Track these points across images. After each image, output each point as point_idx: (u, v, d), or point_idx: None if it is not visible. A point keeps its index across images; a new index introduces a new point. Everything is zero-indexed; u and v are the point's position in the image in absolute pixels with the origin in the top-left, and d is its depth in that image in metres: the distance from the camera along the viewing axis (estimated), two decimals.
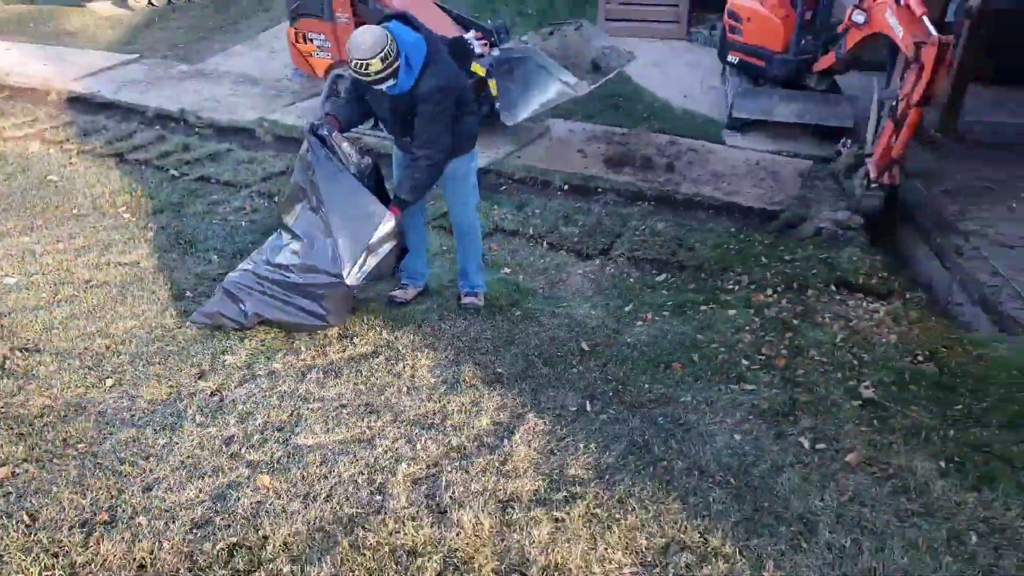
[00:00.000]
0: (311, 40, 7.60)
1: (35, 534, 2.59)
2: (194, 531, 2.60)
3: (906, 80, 5.97)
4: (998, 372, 3.91)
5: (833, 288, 5.08)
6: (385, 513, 2.68)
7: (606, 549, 2.54)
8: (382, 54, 3.51)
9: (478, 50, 7.11)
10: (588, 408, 3.43)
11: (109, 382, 3.54)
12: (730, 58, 8.31)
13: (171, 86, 8.88)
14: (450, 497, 2.77)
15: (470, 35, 7.32)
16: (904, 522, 2.76)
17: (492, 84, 6.78)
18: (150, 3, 12.30)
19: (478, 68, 6.88)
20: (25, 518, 2.65)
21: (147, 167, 6.72)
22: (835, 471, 3.06)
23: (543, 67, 6.80)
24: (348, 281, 3.80)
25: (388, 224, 3.80)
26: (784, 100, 7.64)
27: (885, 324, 4.55)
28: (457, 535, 2.58)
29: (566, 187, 6.80)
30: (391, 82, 3.63)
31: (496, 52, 6.99)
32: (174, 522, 2.63)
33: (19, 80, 8.87)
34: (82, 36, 10.83)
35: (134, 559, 2.48)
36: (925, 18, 5.89)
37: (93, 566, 2.46)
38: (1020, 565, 2.57)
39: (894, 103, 6.18)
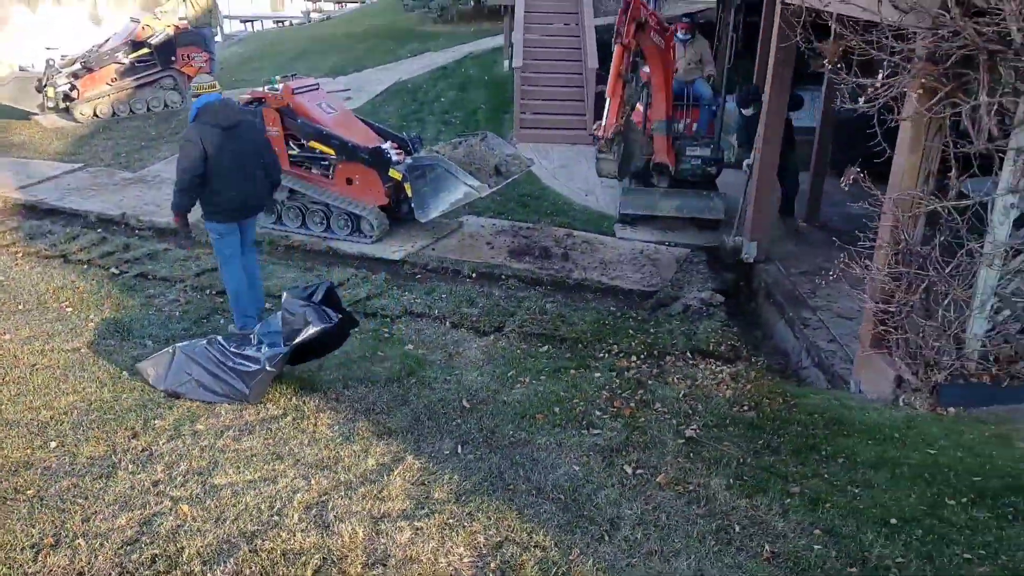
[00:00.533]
0: None
1: None
2: (124, 548, 3.26)
3: None
4: (801, 415, 4.81)
5: (688, 355, 6.00)
6: (280, 528, 3.39)
7: (452, 546, 3.28)
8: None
9: (394, 158, 8.12)
10: (459, 451, 4.20)
11: (53, 444, 4.19)
12: None
13: (114, 192, 9.66)
14: (333, 515, 3.49)
15: (387, 145, 8.35)
16: (689, 521, 3.56)
17: (407, 187, 7.77)
18: (95, 115, 13.17)
19: (395, 173, 7.91)
20: None
21: (89, 266, 7.42)
22: (647, 489, 3.86)
23: (450, 172, 7.82)
24: (268, 367, 4.59)
25: (311, 329, 4.60)
26: (664, 197, 8.77)
27: (725, 382, 5.44)
28: (336, 541, 3.29)
29: (474, 275, 7.71)
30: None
31: (409, 160, 8.00)
32: (108, 542, 3.29)
33: None
34: (28, 147, 11.59)
35: (75, 569, 3.12)
36: None
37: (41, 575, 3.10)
38: (771, 544, 3.39)
39: None
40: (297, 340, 4.59)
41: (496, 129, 12.93)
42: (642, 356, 5.89)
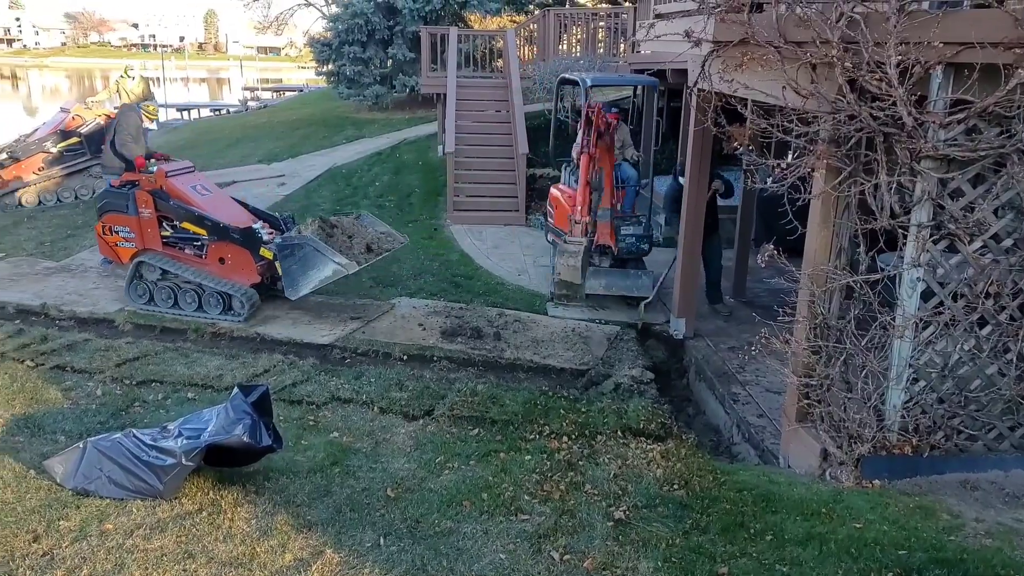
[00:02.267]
0: (117, 232, 8.73)
1: None
2: None
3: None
4: (731, 492, 4.80)
5: (619, 433, 5.96)
6: None
7: None
8: None
9: (265, 237, 8.41)
10: (381, 543, 4.05)
11: None
12: (548, 238, 9.65)
13: (36, 282, 9.35)
14: None
15: (259, 225, 8.63)
16: None
17: (278, 265, 8.06)
18: (20, 204, 12.88)
19: (266, 252, 8.26)
20: None
21: (3, 359, 7.10)
22: (574, 575, 3.77)
23: (318, 251, 8.02)
24: (184, 461, 4.41)
25: (237, 439, 4.46)
26: (593, 275, 8.88)
27: (655, 461, 5.42)
28: None
29: (405, 357, 7.61)
30: None
31: (279, 239, 8.20)
32: None
33: None
34: None
35: None
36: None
37: None
38: None
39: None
40: (216, 441, 4.42)
41: (431, 211, 13.13)
42: (573, 436, 5.84)
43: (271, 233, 8.56)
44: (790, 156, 4.93)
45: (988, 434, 5.01)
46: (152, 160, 9.07)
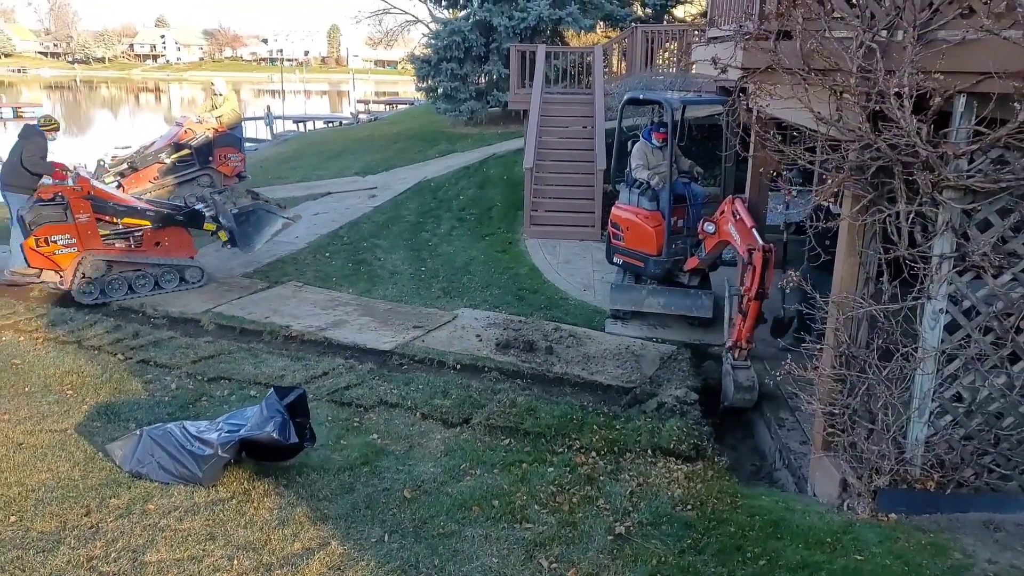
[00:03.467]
0: (55, 241, 9.52)
1: None
2: None
3: (745, 278, 7.27)
4: (742, 516, 4.83)
5: (649, 452, 6.05)
6: None
7: None
8: None
9: (207, 213, 10.37)
10: (386, 539, 4.34)
11: (12, 519, 4.46)
12: (615, 260, 9.73)
13: None
14: None
15: (200, 206, 10.54)
16: None
17: (221, 234, 10.30)
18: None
19: (209, 226, 10.29)
20: None
21: (99, 352, 7.85)
22: None
23: (269, 211, 10.06)
24: (220, 453, 4.86)
25: (267, 435, 4.88)
26: (652, 294, 8.96)
27: (677, 481, 5.49)
28: None
29: (458, 366, 7.91)
30: None
31: (234, 209, 10.33)
32: None
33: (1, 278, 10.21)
34: None
35: None
36: (754, 230, 7.27)
37: None
38: None
39: (739, 298, 7.43)
40: (249, 436, 4.85)
41: (509, 224, 13.45)
42: (602, 452, 5.96)
43: (208, 208, 10.47)
44: (815, 183, 4.92)
45: (1023, 475, 4.83)
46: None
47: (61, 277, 9.45)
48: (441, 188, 15.51)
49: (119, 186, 13.72)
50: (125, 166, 14.10)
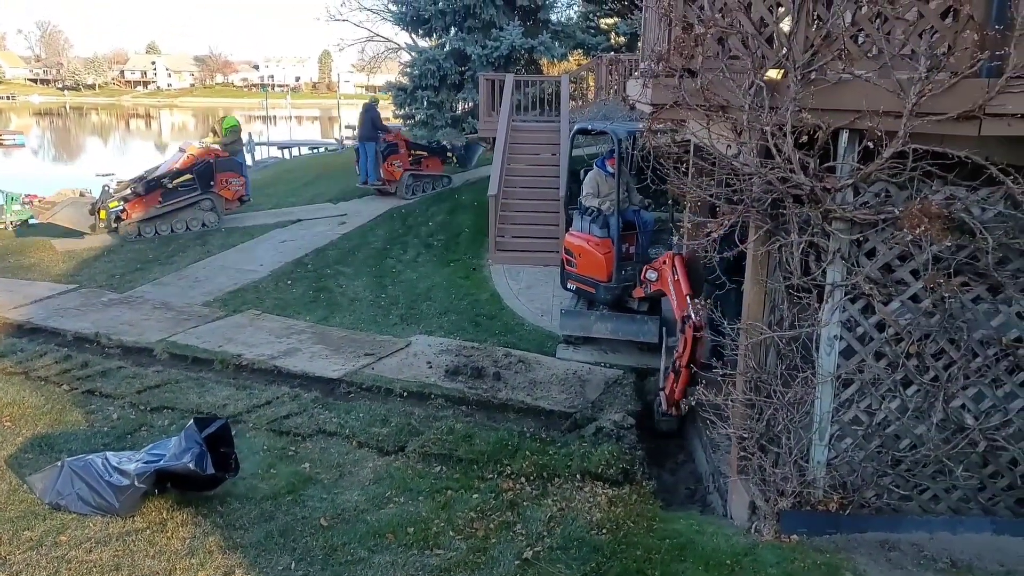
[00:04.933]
0: (395, 165, 16.80)
1: None
2: None
3: (678, 342, 7.28)
4: (653, 540, 4.95)
5: (578, 477, 6.15)
6: None
7: None
8: None
9: None
10: (292, 567, 4.44)
11: None
12: (569, 285, 9.87)
13: (97, 312, 10.33)
14: None
15: None
16: None
17: None
18: (139, 233, 14.17)
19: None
20: None
21: (45, 382, 7.93)
22: None
23: None
24: (136, 483, 4.96)
25: (183, 466, 4.99)
26: (601, 319, 9.09)
27: (599, 505, 5.59)
28: None
29: (404, 393, 8.01)
30: None
31: None
32: None
33: None
34: (36, 269, 12.47)
35: None
36: (689, 299, 7.30)
37: None
38: None
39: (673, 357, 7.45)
40: (166, 467, 4.95)
41: (476, 250, 13.62)
42: (531, 478, 6.06)
43: None
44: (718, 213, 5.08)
45: (922, 495, 4.96)
46: None
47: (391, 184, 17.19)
48: (411, 214, 15.69)
49: (123, 211, 14.17)
50: (128, 191, 14.38)
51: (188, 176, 14.86)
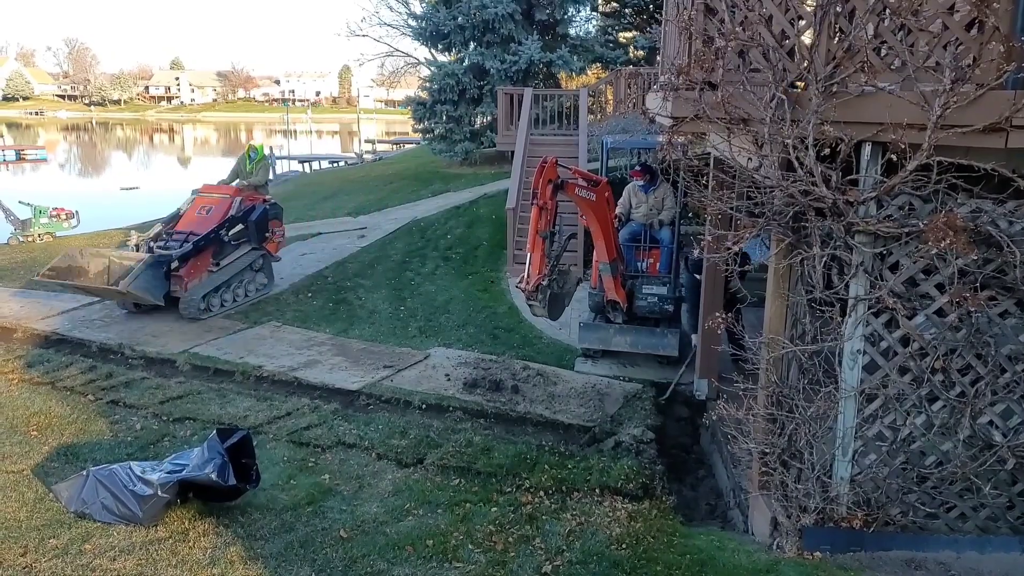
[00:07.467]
0: None
1: None
2: None
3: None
4: (673, 555, 4.90)
5: (597, 491, 6.12)
6: None
7: None
8: None
9: None
10: None
11: None
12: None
13: (120, 323, 10.44)
14: None
15: None
16: None
17: None
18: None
19: None
20: None
21: (72, 392, 8.02)
22: None
23: None
24: (160, 493, 4.99)
25: (205, 476, 5.02)
26: (619, 332, 9.06)
27: (618, 520, 5.56)
28: None
29: (423, 406, 8.01)
30: None
31: None
32: None
33: None
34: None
35: None
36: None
37: None
38: None
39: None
40: (188, 477, 4.98)
41: (493, 264, 13.62)
42: (550, 491, 6.03)
43: None
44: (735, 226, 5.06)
45: (949, 513, 4.88)
46: None
47: None
48: (430, 228, 15.74)
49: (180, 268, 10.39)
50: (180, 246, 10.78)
51: (241, 227, 11.25)
